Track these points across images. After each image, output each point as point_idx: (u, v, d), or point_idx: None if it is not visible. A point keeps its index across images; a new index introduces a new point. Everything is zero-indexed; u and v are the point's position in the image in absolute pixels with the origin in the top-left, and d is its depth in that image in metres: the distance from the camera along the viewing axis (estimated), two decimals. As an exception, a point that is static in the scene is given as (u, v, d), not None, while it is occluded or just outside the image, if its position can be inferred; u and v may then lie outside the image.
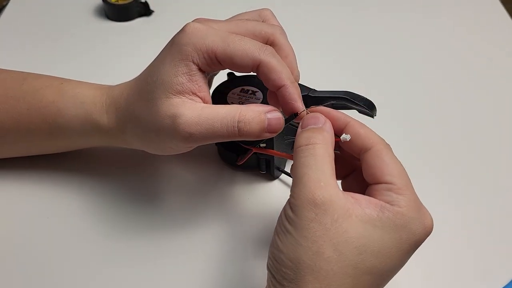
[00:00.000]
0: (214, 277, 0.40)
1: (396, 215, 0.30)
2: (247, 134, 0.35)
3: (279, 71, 0.34)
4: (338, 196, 0.29)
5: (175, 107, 0.35)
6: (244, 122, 0.34)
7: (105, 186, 0.46)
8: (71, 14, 0.67)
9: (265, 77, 0.35)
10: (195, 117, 0.35)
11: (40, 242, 0.42)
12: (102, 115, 0.40)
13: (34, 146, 0.45)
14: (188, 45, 0.35)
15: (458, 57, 0.61)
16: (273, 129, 0.35)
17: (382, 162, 0.31)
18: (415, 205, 0.30)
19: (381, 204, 0.30)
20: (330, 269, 0.28)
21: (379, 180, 0.31)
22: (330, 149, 0.31)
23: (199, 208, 0.45)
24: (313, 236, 0.29)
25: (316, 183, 0.29)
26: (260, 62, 0.34)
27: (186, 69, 0.35)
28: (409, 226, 0.30)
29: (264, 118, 0.34)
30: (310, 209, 0.29)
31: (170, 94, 0.35)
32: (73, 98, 0.41)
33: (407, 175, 0.32)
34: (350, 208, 0.29)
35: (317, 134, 0.32)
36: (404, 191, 0.30)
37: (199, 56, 0.35)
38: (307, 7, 0.69)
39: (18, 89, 0.42)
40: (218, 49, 0.34)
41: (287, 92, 0.34)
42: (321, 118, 0.33)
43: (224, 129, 0.35)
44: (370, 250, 0.29)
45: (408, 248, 0.30)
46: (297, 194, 0.30)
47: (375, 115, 0.39)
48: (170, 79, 0.35)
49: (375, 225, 0.29)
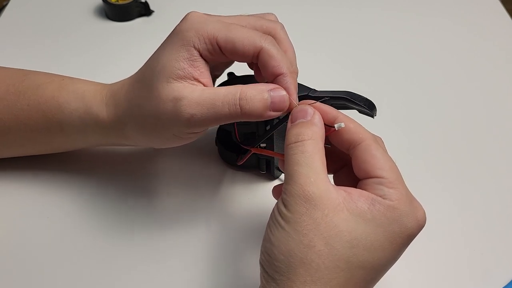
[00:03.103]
0: (214, 277, 0.40)
1: (387, 208, 0.30)
2: (250, 112, 0.34)
3: (279, 59, 0.34)
4: (329, 190, 0.30)
5: (176, 91, 0.35)
6: (245, 100, 0.34)
7: (105, 186, 0.46)
8: (71, 14, 0.67)
9: (265, 65, 0.35)
10: (196, 97, 0.34)
11: (40, 242, 0.42)
12: (102, 108, 0.40)
13: (33, 145, 0.44)
14: (189, 30, 0.35)
15: (458, 57, 0.61)
16: (277, 107, 0.34)
17: (373, 157, 0.31)
18: (407, 199, 0.30)
19: (372, 197, 0.30)
20: (321, 262, 0.29)
21: (370, 175, 0.31)
22: (320, 143, 0.31)
23: (199, 208, 0.45)
24: (304, 229, 0.29)
25: (306, 179, 0.30)
26: (262, 48, 0.34)
27: (188, 54, 0.35)
28: (401, 220, 0.30)
29: (267, 96, 0.34)
30: (301, 204, 0.29)
31: (171, 79, 0.35)
32: (74, 92, 0.41)
33: (398, 169, 0.32)
34: (341, 202, 0.29)
35: (306, 129, 0.32)
36: (396, 184, 0.30)
37: (200, 42, 0.35)
38: (307, 7, 0.69)
39: (19, 85, 0.42)
40: (220, 34, 0.34)
41: (284, 81, 0.34)
42: (309, 110, 0.33)
43: (226, 108, 0.34)
44: (362, 244, 0.29)
45: (401, 242, 0.30)
46: (289, 191, 0.30)
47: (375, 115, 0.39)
48: (171, 64, 0.35)
49: (367, 219, 0.29)
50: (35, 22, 0.65)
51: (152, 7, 0.66)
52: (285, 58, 0.35)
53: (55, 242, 0.42)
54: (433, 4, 0.69)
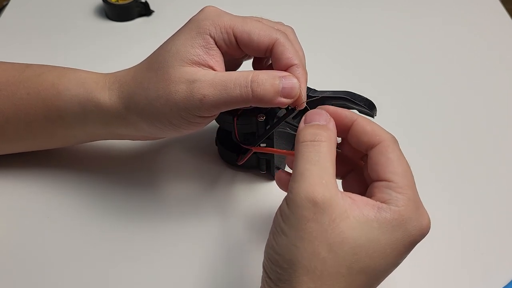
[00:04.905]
0: (214, 277, 0.40)
1: (393, 214, 0.29)
2: (261, 96, 0.34)
3: (293, 51, 0.35)
4: (338, 196, 0.29)
5: (189, 74, 0.35)
6: (257, 83, 0.34)
7: (105, 187, 0.46)
8: (71, 14, 0.67)
9: (279, 56, 0.35)
10: (210, 80, 0.35)
11: (40, 242, 0.42)
12: (104, 92, 0.39)
13: (33, 137, 0.43)
14: (206, 19, 0.35)
15: (458, 57, 0.61)
16: (288, 94, 0.34)
17: (387, 159, 0.31)
18: (414, 205, 0.30)
19: (378, 205, 0.30)
20: (325, 269, 0.28)
21: (380, 177, 0.31)
22: (333, 148, 0.31)
23: (199, 208, 0.45)
24: (309, 236, 0.28)
25: (318, 179, 0.29)
26: (276, 40, 0.35)
27: (204, 42, 0.35)
28: (405, 226, 0.29)
29: (279, 82, 0.34)
30: (308, 207, 0.28)
31: (184, 63, 0.35)
32: (74, 79, 0.40)
33: (411, 173, 0.31)
34: (348, 209, 0.29)
35: (322, 131, 0.31)
36: (404, 190, 0.30)
37: (217, 31, 0.35)
38: (307, 7, 0.69)
39: (19, 76, 0.42)
40: (236, 25, 0.35)
41: (297, 72, 0.35)
42: (325, 115, 0.33)
43: (237, 89, 0.34)
44: (365, 251, 0.29)
45: (403, 248, 0.30)
46: (296, 190, 0.29)
47: (375, 115, 0.39)
48: (186, 49, 0.35)
49: (372, 226, 0.29)
50: (35, 22, 0.65)
51: (152, 7, 0.66)
52: (298, 53, 0.36)
53: (55, 242, 0.42)
54: (433, 4, 0.69)
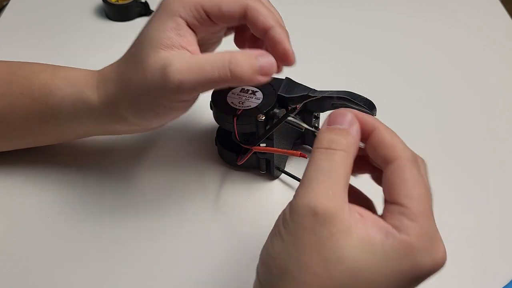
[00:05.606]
0: (213, 277, 0.40)
1: (401, 243, 0.26)
2: (239, 75, 0.34)
3: (266, 13, 0.35)
4: (343, 209, 0.27)
5: (163, 59, 0.35)
6: (235, 63, 0.34)
7: (105, 185, 0.46)
8: (71, 14, 0.67)
9: (253, 21, 0.35)
10: (185, 63, 0.34)
11: (40, 242, 0.42)
12: (93, 92, 0.40)
13: (28, 135, 0.44)
14: (174, 1, 0.35)
15: (458, 57, 0.61)
16: (266, 71, 0.34)
17: (402, 181, 0.28)
18: (427, 235, 0.27)
19: (388, 229, 0.27)
20: (315, 285, 0.26)
21: (394, 200, 0.27)
22: (350, 159, 0.28)
23: (199, 208, 0.45)
24: (304, 246, 0.26)
25: (325, 190, 0.27)
26: (247, 5, 0.35)
27: (174, 24, 0.35)
28: (413, 257, 0.26)
29: (255, 60, 0.34)
30: (308, 216, 0.26)
31: (158, 49, 0.35)
32: (66, 78, 0.41)
33: (430, 199, 0.28)
34: (352, 225, 0.26)
35: (341, 137, 0.29)
36: (419, 217, 0.27)
37: (186, 11, 0.35)
38: (307, 7, 0.69)
39: (12, 75, 0.42)
40: (205, 0, 0.35)
41: (276, 33, 0.35)
42: (349, 117, 0.30)
43: (216, 71, 0.34)
44: (364, 276, 0.26)
45: (408, 281, 0.27)
46: (300, 197, 0.27)
47: (375, 115, 0.39)
48: (158, 34, 0.35)
49: (376, 251, 0.26)
50: (35, 22, 0.65)
51: (152, 7, 0.66)
52: (273, 13, 0.36)
53: (55, 242, 0.42)
54: (433, 5, 0.69)
